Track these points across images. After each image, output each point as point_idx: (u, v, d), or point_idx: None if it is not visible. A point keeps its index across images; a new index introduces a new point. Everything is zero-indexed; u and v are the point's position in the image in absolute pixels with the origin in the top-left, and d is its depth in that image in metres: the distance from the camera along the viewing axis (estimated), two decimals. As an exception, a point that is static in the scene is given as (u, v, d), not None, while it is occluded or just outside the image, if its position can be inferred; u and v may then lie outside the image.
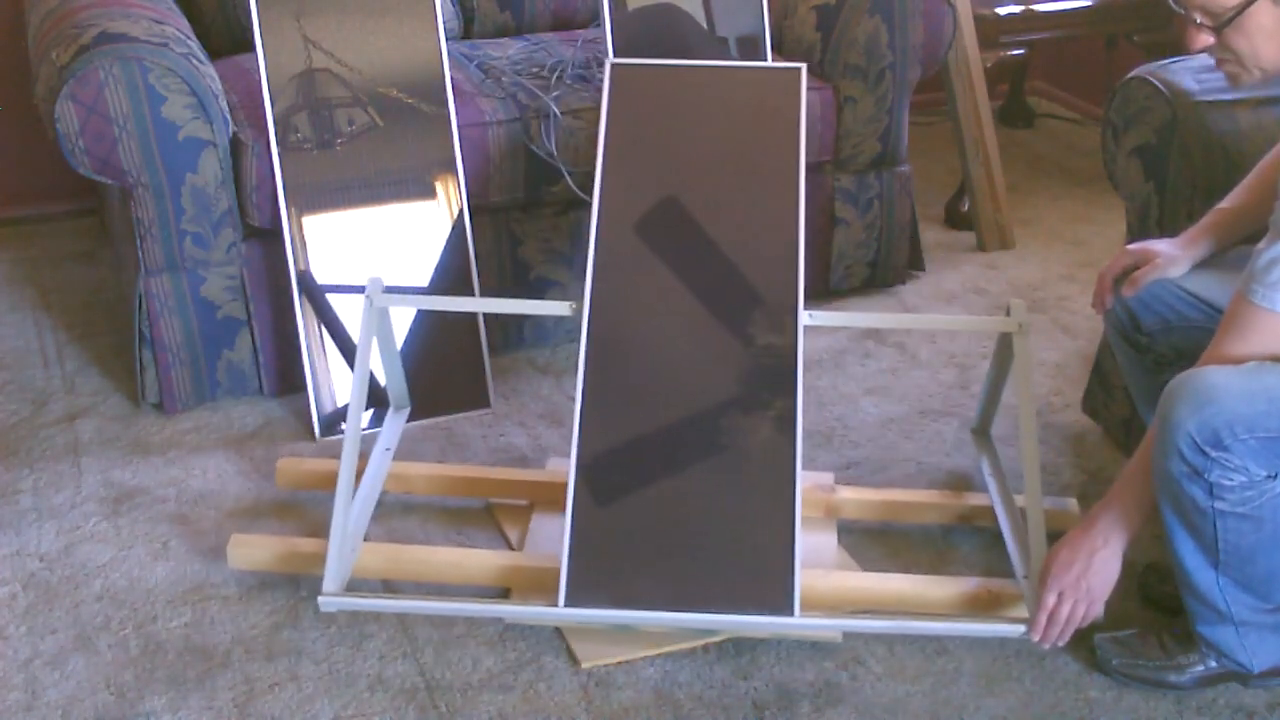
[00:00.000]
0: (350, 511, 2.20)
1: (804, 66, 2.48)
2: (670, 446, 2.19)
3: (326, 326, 2.70)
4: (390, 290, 2.68)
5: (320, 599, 2.12)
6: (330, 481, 2.43)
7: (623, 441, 2.19)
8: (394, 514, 2.47)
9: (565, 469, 2.46)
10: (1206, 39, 1.85)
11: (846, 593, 2.22)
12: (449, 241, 2.77)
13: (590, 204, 2.34)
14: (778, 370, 2.23)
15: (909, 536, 2.44)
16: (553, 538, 2.31)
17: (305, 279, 2.67)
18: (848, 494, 2.45)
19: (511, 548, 2.39)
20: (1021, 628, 2.08)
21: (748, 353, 2.25)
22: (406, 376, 2.70)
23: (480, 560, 2.28)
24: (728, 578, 2.10)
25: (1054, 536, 2.21)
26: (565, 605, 2.07)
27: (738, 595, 2.08)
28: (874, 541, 2.42)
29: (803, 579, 2.11)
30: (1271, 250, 1.82)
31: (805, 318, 2.26)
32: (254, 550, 2.31)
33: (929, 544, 2.42)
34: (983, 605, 2.18)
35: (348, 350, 2.70)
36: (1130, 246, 2.23)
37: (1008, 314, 2.28)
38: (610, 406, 2.20)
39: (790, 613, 2.06)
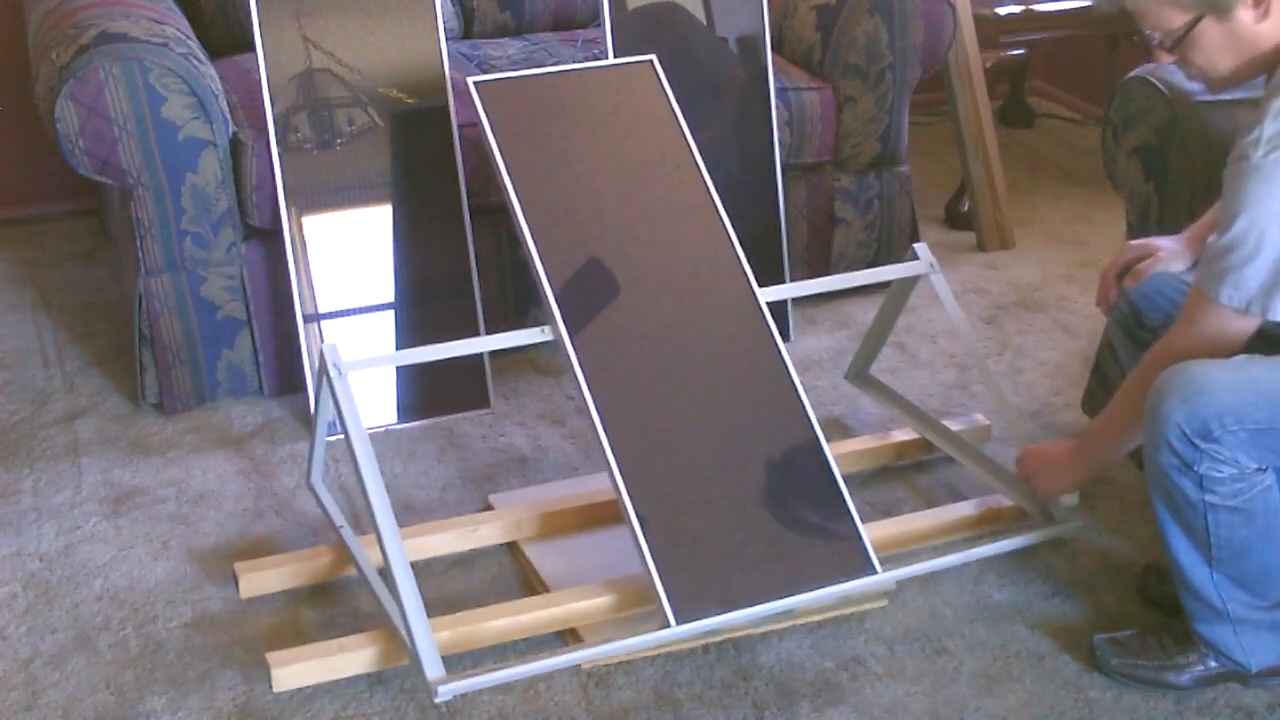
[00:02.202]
0: (416, 591, 2.01)
1: (653, 58, 2.52)
2: (699, 443, 2.21)
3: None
4: (378, 308, 2.72)
5: (440, 689, 1.96)
6: (293, 580, 2.29)
7: (654, 451, 2.19)
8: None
9: (510, 505, 2.46)
10: (1168, 56, 1.97)
11: (880, 541, 2.27)
12: (449, 242, 2.77)
13: (519, 228, 2.30)
14: (760, 347, 2.29)
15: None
16: (571, 569, 2.29)
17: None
18: None
19: (541, 581, 2.29)
20: (1059, 528, 2.30)
21: (726, 340, 2.32)
22: (407, 376, 2.70)
23: (543, 610, 2.16)
24: (806, 553, 2.16)
25: (1063, 551, 2.35)
26: (679, 624, 2.05)
27: (822, 567, 2.14)
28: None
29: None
30: (1217, 242, 1.89)
31: (761, 295, 2.35)
32: (300, 666, 2.07)
33: (870, 489, 2.52)
34: (990, 521, 2.35)
35: None
36: (1132, 242, 2.24)
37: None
38: (629, 422, 2.19)
39: (874, 571, 2.15)
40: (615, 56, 2.79)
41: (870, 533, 2.23)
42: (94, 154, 2.53)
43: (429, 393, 2.75)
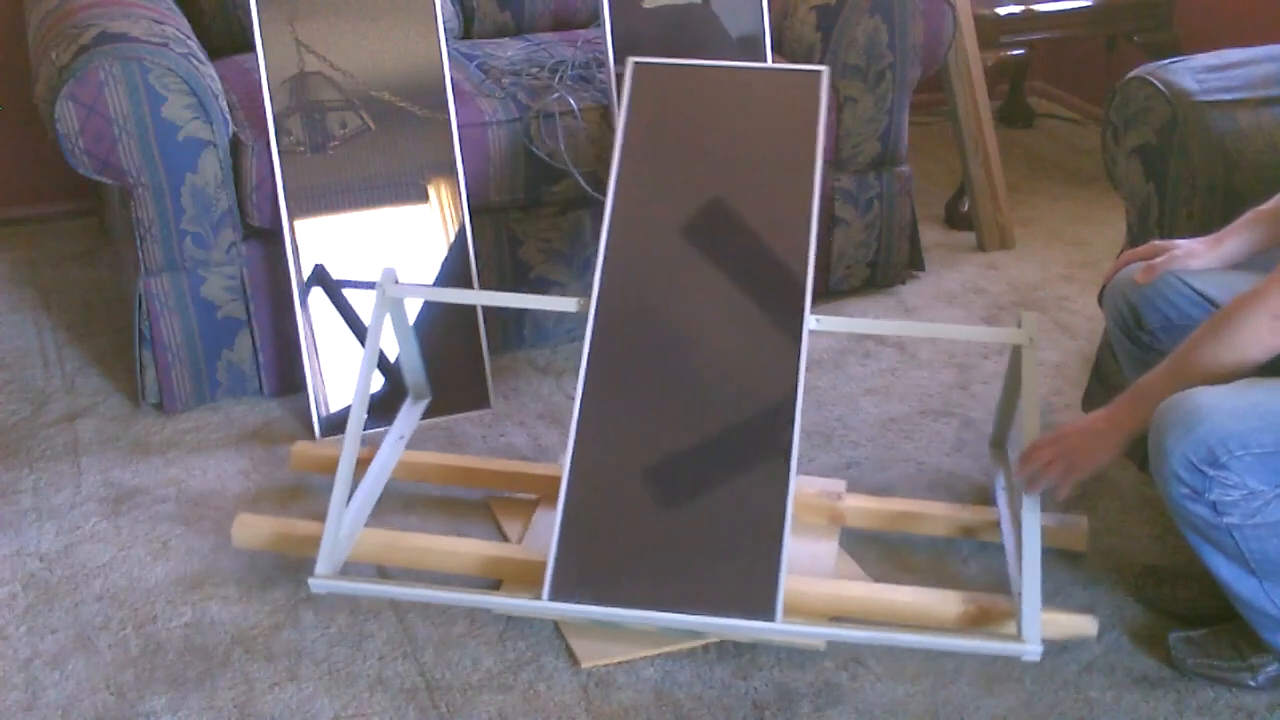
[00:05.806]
0: (347, 494, 2.20)
1: (826, 70, 2.48)
2: (667, 446, 2.19)
3: (343, 315, 2.70)
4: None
5: (311, 581, 2.14)
6: (318, 465, 2.51)
7: (619, 439, 2.19)
8: (395, 508, 2.47)
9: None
10: None
11: (835, 601, 2.18)
12: (449, 242, 2.77)
13: (603, 201, 2.34)
14: (780, 374, 2.22)
15: (915, 547, 2.41)
16: (549, 534, 2.31)
17: (320, 272, 2.67)
18: (853, 502, 2.42)
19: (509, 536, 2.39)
20: (1004, 644, 2.04)
21: (751, 355, 2.25)
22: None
23: (474, 550, 2.29)
24: (713, 579, 2.08)
25: (1063, 553, 2.30)
26: (549, 599, 2.07)
27: (721, 597, 2.06)
28: (881, 551, 2.40)
29: (793, 585, 2.12)
30: None
31: (811, 322, 2.25)
32: (256, 530, 2.33)
33: (934, 555, 2.40)
34: (972, 620, 2.14)
35: (363, 335, 2.70)
36: (1156, 241, 2.21)
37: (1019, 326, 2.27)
38: (610, 404, 2.20)
39: (772, 617, 2.03)
40: (617, 57, 2.79)
41: (839, 589, 2.19)
42: (94, 154, 2.53)
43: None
